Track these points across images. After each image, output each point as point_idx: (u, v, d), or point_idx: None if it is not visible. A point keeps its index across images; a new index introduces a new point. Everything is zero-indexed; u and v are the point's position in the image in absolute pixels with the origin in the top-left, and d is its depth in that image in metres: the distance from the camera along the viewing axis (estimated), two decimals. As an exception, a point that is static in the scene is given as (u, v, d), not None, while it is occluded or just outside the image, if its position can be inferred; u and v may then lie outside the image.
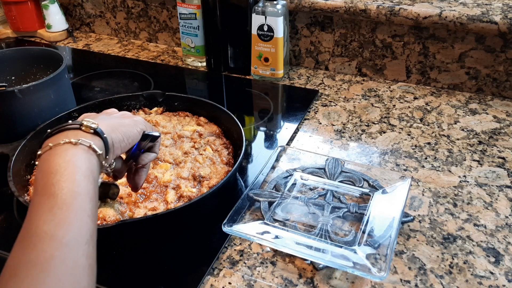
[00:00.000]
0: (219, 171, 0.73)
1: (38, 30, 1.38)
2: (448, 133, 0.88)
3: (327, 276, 0.58)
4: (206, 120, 0.86)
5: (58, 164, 0.44)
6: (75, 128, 0.48)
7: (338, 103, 0.99)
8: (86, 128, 0.48)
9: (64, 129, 0.48)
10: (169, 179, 0.70)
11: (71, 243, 0.39)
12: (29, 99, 0.80)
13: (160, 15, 1.28)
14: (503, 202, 0.70)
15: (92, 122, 0.49)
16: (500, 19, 0.91)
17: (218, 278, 0.59)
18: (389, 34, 1.03)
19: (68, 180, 0.43)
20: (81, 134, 0.48)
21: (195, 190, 0.69)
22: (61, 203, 0.41)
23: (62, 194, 0.41)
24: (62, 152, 0.45)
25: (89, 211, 0.43)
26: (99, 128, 0.49)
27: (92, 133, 0.48)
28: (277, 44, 1.03)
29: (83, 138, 0.47)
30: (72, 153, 0.45)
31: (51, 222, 0.40)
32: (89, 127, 0.48)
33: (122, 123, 0.55)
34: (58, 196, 0.41)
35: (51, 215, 0.40)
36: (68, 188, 0.42)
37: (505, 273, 0.59)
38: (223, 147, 0.79)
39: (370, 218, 0.64)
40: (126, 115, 0.59)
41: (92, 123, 0.49)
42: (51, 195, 0.41)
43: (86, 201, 0.43)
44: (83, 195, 0.43)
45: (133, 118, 0.57)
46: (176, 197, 0.67)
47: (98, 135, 0.49)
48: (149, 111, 0.89)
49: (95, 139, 0.48)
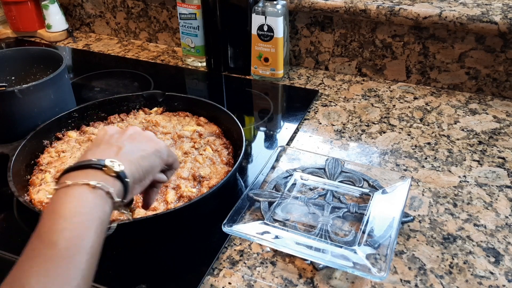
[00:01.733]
0: (219, 171, 0.73)
1: (38, 30, 1.38)
2: (448, 133, 0.88)
3: (327, 276, 0.58)
4: (206, 120, 0.86)
5: (69, 209, 0.41)
6: (97, 168, 0.45)
7: (338, 103, 0.99)
8: (108, 170, 0.45)
9: (85, 166, 0.45)
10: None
11: None
12: (29, 99, 0.80)
13: (160, 15, 1.28)
14: (503, 202, 0.70)
15: (117, 164, 0.46)
16: (500, 19, 0.91)
17: (218, 278, 0.59)
18: (389, 34, 1.03)
19: (75, 229, 0.40)
20: (101, 177, 0.45)
21: (195, 190, 0.69)
22: (59, 256, 0.38)
23: (63, 245, 0.39)
24: (77, 195, 0.42)
25: (86, 272, 0.39)
26: (123, 173, 0.46)
27: (114, 176, 0.46)
28: (277, 44, 1.03)
29: (103, 183, 0.44)
30: (86, 198, 0.43)
31: (43, 278, 0.37)
32: (112, 170, 0.45)
33: (145, 154, 0.52)
34: (58, 247, 0.39)
35: (44, 270, 0.37)
36: (72, 239, 0.39)
37: (505, 273, 0.59)
38: (223, 147, 0.79)
39: (370, 218, 0.64)
40: (149, 136, 0.55)
41: (118, 165, 0.46)
42: (52, 244, 0.39)
43: (86, 258, 0.40)
44: (86, 250, 0.40)
45: (156, 145, 0.54)
46: (176, 197, 0.67)
47: (120, 179, 0.46)
48: (149, 111, 0.89)
49: (115, 184, 0.45)
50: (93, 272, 0.41)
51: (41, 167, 0.74)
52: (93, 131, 0.83)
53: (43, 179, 0.70)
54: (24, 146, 0.73)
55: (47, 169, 0.73)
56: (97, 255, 0.42)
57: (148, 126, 0.83)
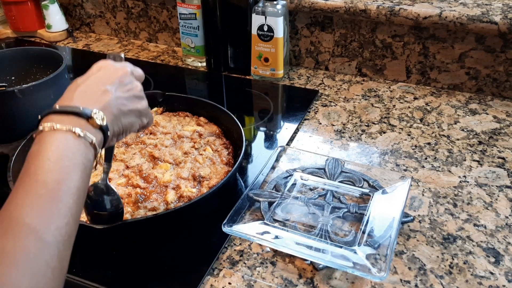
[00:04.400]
0: (219, 171, 0.73)
1: (38, 30, 1.38)
2: (448, 133, 0.88)
3: (327, 276, 0.58)
4: (206, 120, 0.86)
5: (57, 151, 0.42)
6: (84, 117, 0.46)
7: (338, 103, 0.99)
8: (92, 121, 0.46)
9: (73, 112, 0.46)
10: (169, 179, 0.70)
11: (50, 240, 0.38)
12: (29, 99, 0.80)
13: (160, 15, 1.28)
14: (503, 202, 0.70)
15: (101, 117, 0.47)
16: (500, 19, 0.91)
17: (218, 278, 0.59)
18: (389, 34, 1.03)
19: (62, 173, 0.41)
20: (87, 127, 0.46)
21: (195, 190, 0.69)
22: (49, 194, 0.40)
23: (52, 185, 0.40)
24: (63, 140, 0.44)
25: (74, 211, 0.41)
26: (106, 126, 0.48)
27: (98, 128, 0.47)
28: (277, 44, 1.03)
29: (88, 133, 0.45)
30: (72, 144, 0.44)
31: (35, 213, 0.38)
32: (96, 122, 0.47)
33: (128, 111, 0.53)
34: (49, 186, 0.40)
35: (36, 204, 0.39)
36: (59, 180, 0.41)
37: (505, 273, 0.59)
38: (223, 147, 0.79)
39: (370, 218, 0.64)
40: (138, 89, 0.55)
41: (102, 119, 0.47)
42: (41, 182, 0.40)
43: (74, 199, 0.41)
44: (73, 191, 0.42)
45: (140, 105, 0.55)
46: (176, 197, 0.67)
47: (102, 131, 0.48)
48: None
49: (98, 135, 0.47)
50: (79, 215, 0.43)
51: None
52: None
53: None
54: (24, 146, 0.73)
55: None
56: (82, 199, 0.43)
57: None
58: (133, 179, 0.70)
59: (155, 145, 0.78)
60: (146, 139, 0.80)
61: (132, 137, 0.81)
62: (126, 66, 0.56)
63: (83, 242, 0.63)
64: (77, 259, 0.61)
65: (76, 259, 0.61)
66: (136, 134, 0.82)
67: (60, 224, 0.39)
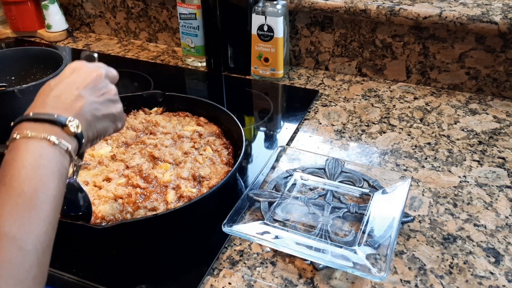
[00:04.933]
0: (219, 171, 0.73)
1: (38, 30, 1.38)
2: (448, 133, 0.88)
3: (327, 276, 0.58)
4: (206, 120, 0.86)
5: (32, 159, 0.42)
6: (58, 125, 0.46)
7: (338, 103, 0.99)
8: (67, 129, 0.46)
9: (47, 120, 0.45)
10: (169, 179, 0.70)
11: (30, 248, 0.38)
12: (29, 99, 0.78)
13: (160, 15, 1.28)
14: (503, 202, 0.70)
15: (76, 125, 0.47)
16: (500, 19, 0.91)
17: (218, 278, 0.59)
18: (389, 34, 1.03)
19: (39, 181, 0.41)
20: (62, 135, 0.46)
21: (195, 190, 0.69)
22: (27, 203, 0.40)
23: (29, 193, 0.40)
24: (39, 148, 0.43)
25: (52, 218, 0.41)
26: (81, 134, 0.47)
27: (73, 135, 0.47)
28: (277, 44, 1.03)
29: (63, 141, 0.45)
30: (48, 152, 0.44)
31: (14, 222, 0.38)
32: (71, 130, 0.46)
33: (102, 116, 0.52)
34: (26, 194, 0.40)
35: (16, 214, 0.39)
36: (36, 189, 0.41)
37: (505, 273, 0.59)
38: (223, 147, 0.79)
39: (370, 218, 0.64)
40: (112, 93, 0.54)
41: (76, 126, 0.47)
42: (18, 191, 0.40)
43: (52, 207, 0.41)
44: (50, 200, 0.41)
45: (114, 109, 0.54)
46: (176, 197, 0.67)
47: (77, 139, 0.47)
48: (149, 111, 0.89)
49: (73, 142, 0.47)
50: (56, 223, 0.42)
51: None
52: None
53: None
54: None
55: None
56: (59, 207, 0.43)
57: (148, 126, 0.83)
58: (133, 179, 0.70)
59: (155, 145, 0.78)
60: (146, 139, 0.80)
61: (132, 137, 0.81)
62: (100, 67, 0.54)
63: (83, 242, 0.64)
64: (77, 259, 0.61)
65: (76, 259, 0.61)
66: (136, 134, 0.82)
67: (39, 232, 0.39)
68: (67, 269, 0.59)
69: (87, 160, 0.74)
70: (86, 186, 0.68)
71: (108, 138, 0.80)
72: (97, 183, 0.69)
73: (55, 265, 0.59)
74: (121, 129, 0.58)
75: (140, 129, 0.83)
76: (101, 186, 0.69)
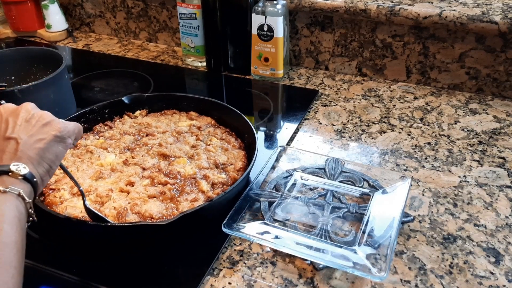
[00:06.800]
0: (236, 155, 0.75)
1: (38, 30, 1.38)
2: (448, 133, 0.88)
3: (327, 276, 0.58)
4: (197, 113, 0.88)
5: None
6: (3, 173, 0.46)
7: (338, 103, 0.99)
8: (14, 175, 0.46)
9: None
10: (193, 171, 0.71)
11: None
12: (29, 99, 0.79)
13: (160, 15, 1.28)
14: (503, 202, 0.70)
15: (22, 167, 0.47)
16: (500, 19, 0.91)
17: (218, 278, 0.59)
18: (389, 34, 1.03)
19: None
20: (9, 181, 0.46)
21: (224, 176, 0.71)
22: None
23: None
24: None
25: (16, 263, 0.41)
26: (29, 173, 0.47)
27: (21, 179, 0.47)
28: (277, 44, 1.03)
29: (12, 186, 0.45)
30: (1, 200, 0.44)
31: None
32: (18, 174, 0.46)
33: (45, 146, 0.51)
34: None
35: None
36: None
37: (505, 273, 0.59)
38: (227, 134, 0.81)
39: (370, 218, 0.64)
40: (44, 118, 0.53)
41: (23, 168, 0.47)
42: None
43: (13, 252, 0.41)
44: (10, 246, 0.41)
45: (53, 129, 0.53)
46: (209, 186, 0.69)
47: (28, 181, 0.47)
48: (134, 115, 0.88)
49: (24, 185, 0.47)
50: (22, 265, 0.43)
51: (51, 186, 0.71)
52: (85, 142, 0.80)
53: (61, 197, 0.68)
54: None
55: (58, 187, 0.70)
56: (23, 249, 0.44)
57: (141, 129, 0.83)
58: (157, 178, 0.70)
59: (159, 144, 0.78)
60: (147, 140, 0.80)
61: (131, 141, 0.80)
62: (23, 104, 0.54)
63: (83, 242, 0.64)
64: (77, 260, 0.61)
65: (76, 260, 0.61)
66: (134, 138, 0.81)
67: (5, 278, 0.40)
68: (67, 269, 0.59)
69: (99, 170, 0.73)
70: (112, 193, 0.68)
71: (108, 146, 0.78)
72: (123, 189, 0.69)
73: (55, 265, 0.60)
74: (77, 141, 0.57)
75: (133, 133, 0.83)
76: (128, 191, 0.68)
